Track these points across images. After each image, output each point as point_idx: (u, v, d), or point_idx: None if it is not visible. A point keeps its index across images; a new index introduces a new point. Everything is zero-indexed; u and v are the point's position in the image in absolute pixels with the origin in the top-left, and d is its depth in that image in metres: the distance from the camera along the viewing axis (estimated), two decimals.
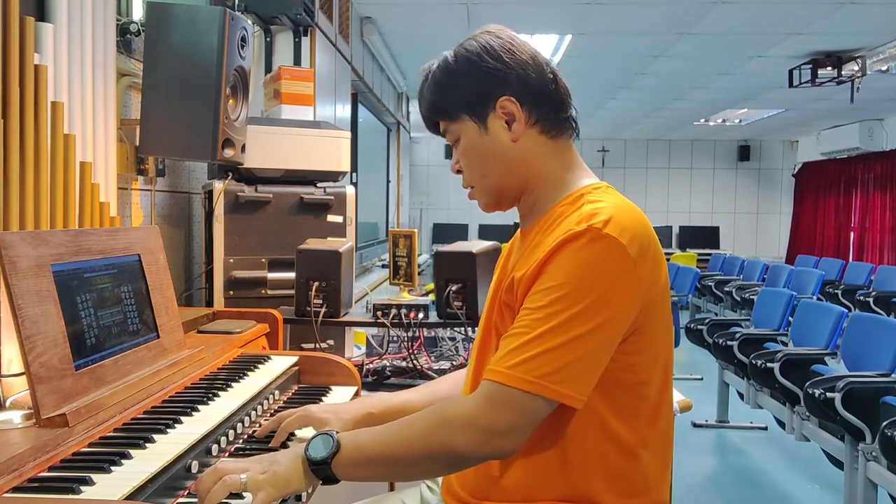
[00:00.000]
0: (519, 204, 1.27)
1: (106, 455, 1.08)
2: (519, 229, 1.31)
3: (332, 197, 2.59)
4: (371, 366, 2.27)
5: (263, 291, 2.51)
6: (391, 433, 1.10)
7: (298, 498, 1.16)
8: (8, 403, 1.21)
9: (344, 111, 4.45)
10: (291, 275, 2.30)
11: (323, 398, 1.68)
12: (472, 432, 1.04)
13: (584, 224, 1.07)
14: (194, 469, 1.16)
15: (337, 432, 1.10)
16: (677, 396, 1.90)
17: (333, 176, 2.66)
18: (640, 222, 1.10)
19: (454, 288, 2.16)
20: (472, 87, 1.21)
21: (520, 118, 1.21)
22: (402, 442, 1.08)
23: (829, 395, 2.99)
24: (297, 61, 3.44)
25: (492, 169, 1.23)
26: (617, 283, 1.05)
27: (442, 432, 1.06)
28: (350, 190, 2.64)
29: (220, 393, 1.45)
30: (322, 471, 1.08)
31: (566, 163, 1.24)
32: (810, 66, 6.04)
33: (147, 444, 1.14)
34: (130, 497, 0.98)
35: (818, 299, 6.16)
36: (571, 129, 1.25)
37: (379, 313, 2.25)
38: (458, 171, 1.28)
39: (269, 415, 1.53)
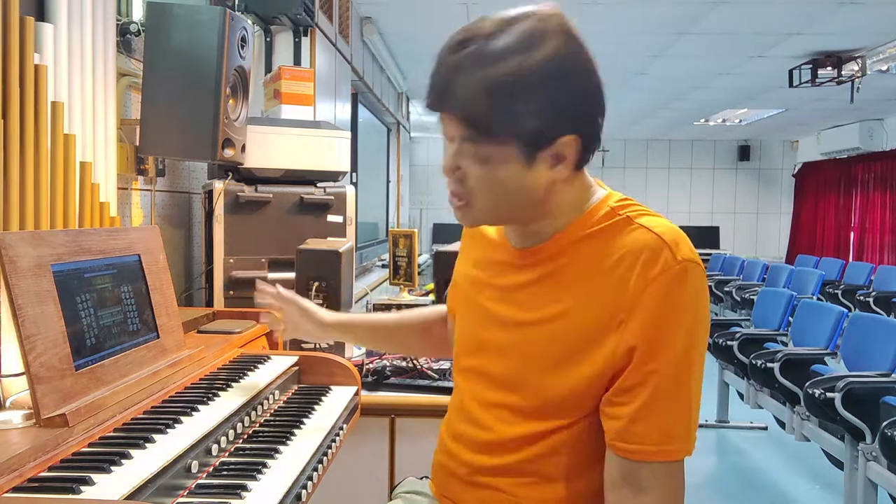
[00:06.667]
0: (511, 227, 1.10)
1: (106, 455, 1.08)
2: (479, 229, 1.17)
3: (332, 197, 2.58)
4: (371, 366, 2.27)
5: None
6: None
7: (298, 497, 1.16)
8: (8, 403, 1.21)
9: (344, 111, 4.45)
10: (291, 275, 2.30)
11: (323, 398, 1.68)
12: None
13: (679, 259, 0.97)
14: (194, 469, 1.16)
15: None
16: None
17: (333, 176, 2.66)
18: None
19: None
20: (540, 115, 0.95)
21: (569, 162, 0.99)
22: None
23: (829, 395, 2.99)
24: (297, 61, 3.44)
25: (514, 200, 1.01)
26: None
27: None
28: (350, 190, 2.64)
29: (220, 393, 1.45)
30: None
31: (580, 187, 1.07)
32: (810, 66, 6.05)
33: (147, 444, 1.14)
34: (130, 497, 0.98)
35: (818, 299, 6.16)
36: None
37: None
38: (455, 177, 1.02)
39: (269, 415, 1.53)
